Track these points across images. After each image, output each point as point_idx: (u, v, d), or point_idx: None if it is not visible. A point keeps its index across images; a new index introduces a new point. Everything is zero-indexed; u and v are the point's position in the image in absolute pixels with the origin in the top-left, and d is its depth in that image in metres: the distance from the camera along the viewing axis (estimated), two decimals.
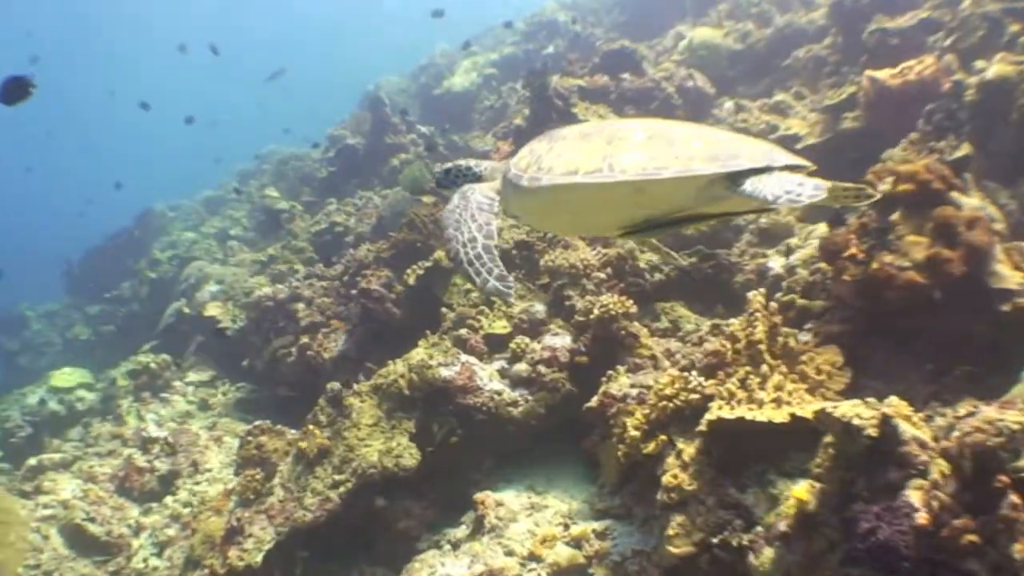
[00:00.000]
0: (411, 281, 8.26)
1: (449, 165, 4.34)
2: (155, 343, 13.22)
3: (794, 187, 3.12)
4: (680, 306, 7.56)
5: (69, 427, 12.45)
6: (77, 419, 12.59)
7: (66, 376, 14.05)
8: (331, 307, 9.45)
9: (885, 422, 3.82)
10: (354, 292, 8.99)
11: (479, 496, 6.10)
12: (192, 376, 11.41)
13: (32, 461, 10.41)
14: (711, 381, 5.12)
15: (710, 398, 5.01)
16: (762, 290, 5.37)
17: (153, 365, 11.37)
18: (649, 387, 5.83)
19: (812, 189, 3.08)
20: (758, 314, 5.03)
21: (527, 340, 6.93)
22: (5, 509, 7.91)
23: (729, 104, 10.68)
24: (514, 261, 7.83)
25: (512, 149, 10.16)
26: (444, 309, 7.69)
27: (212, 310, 11.71)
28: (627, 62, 11.48)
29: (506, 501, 6.16)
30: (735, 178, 3.41)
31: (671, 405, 5.17)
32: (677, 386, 5.18)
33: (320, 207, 13.55)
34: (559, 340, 6.82)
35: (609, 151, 3.58)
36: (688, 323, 7.31)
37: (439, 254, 8.15)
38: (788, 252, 7.42)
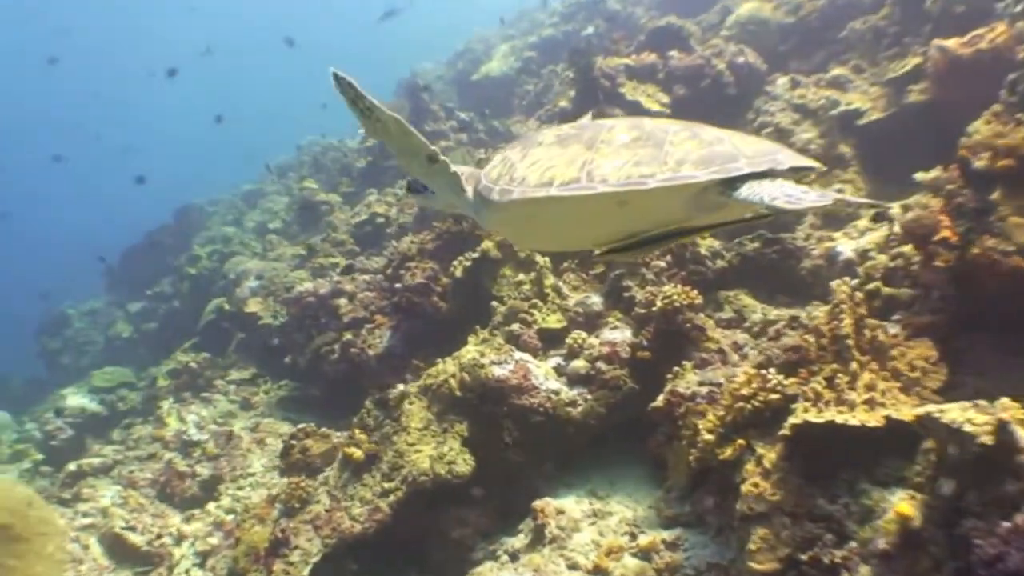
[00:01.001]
0: (458, 273, 7.88)
1: None
2: (196, 340, 13.01)
3: (796, 192, 2.82)
4: (744, 294, 7.12)
5: (111, 428, 12.29)
6: (119, 419, 12.43)
7: (107, 375, 13.95)
8: (375, 302, 9.10)
9: (1002, 428, 3.38)
10: (398, 286, 8.63)
11: (538, 504, 5.70)
12: (233, 374, 11.16)
13: (71, 466, 10.22)
14: (792, 380, 4.69)
15: (792, 399, 4.59)
16: (847, 279, 4.92)
17: (193, 364, 11.13)
18: (719, 385, 5.42)
19: (816, 196, 2.78)
20: (844, 306, 4.59)
21: (584, 335, 6.52)
22: (44, 519, 7.68)
23: (783, 80, 10.17)
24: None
25: None
26: (494, 303, 7.30)
27: (253, 306, 11.44)
28: (674, 39, 11.01)
29: (567, 508, 5.77)
30: (731, 183, 3.07)
31: (749, 406, 4.74)
32: (755, 385, 4.76)
33: (360, 198, 13.23)
34: (619, 334, 6.41)
35: (589, 157, 3.28)
36: (753, 313, 6.87)
37: (487, 244, 7.74)
38: (858, 235, 6.99)
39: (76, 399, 13.54)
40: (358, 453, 6.30)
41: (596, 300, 6.84)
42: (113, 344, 18.41)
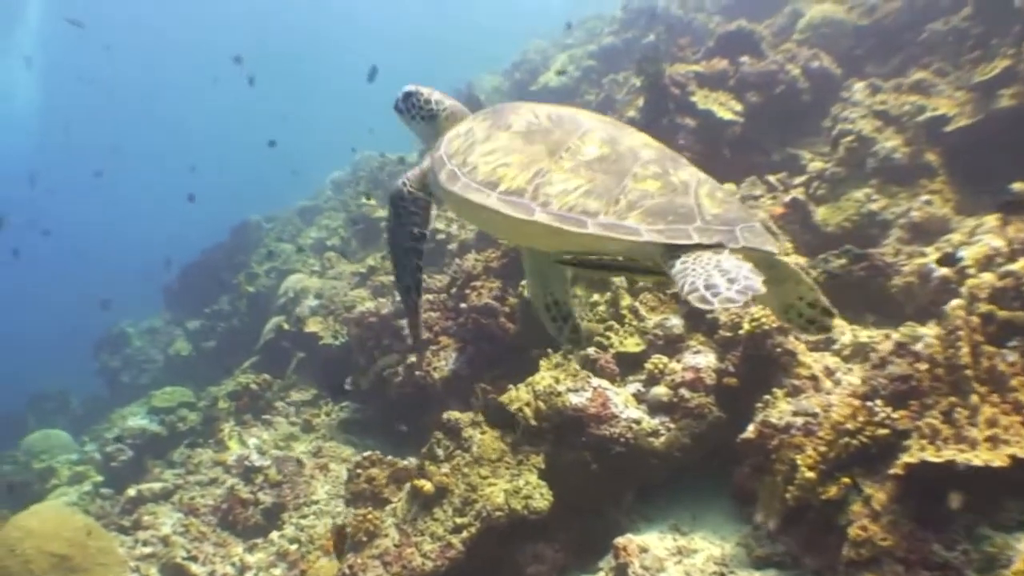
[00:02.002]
0: (526, 293, 7.55)
1: (412, 89, 3.99)
2: (255, 359, 12.87)
3: (721, 282, 2.62)
4: None
5: (171, 448, 12.20)
6: (178, 440, 12.34)
7: (166, 396, 13.89)
8: (439, 322, 8.80)
9: None
10: (463, 306, 8.34)
11: (621, 541, 5.33)
12: (294, 395, 10.96)
13: (131, 492, 10.10)
14: (903, 413, 4.30)
15: (903, 434, 4.20)
16: (960, 301, 4.52)
17: (254, 386, 10.95)
18: (816, 415, 5.04)
19: (740, 288, 2.58)
20: (961, 331, 4.19)
21: (665, 359, 6.15)
22: (103, 549, 7.53)
23: (860, 85, 9.72)
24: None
25: None
26: None
27: (313, 326, 11.24)
28: (745, 44, 10.59)
29: (650, 545, 5.40)
30: (674, 250, 2.91)
31: (854, 442, 4.36)
32: (860, 419, 4.38)
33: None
34: (702, 359, 6.04)
35: (545, 167, 3.16)
36: (842, 334, 6.46)
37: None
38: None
39: (136, 420, 13.49)
40: (428, 486, 5.99)
41: (676, 322, 6.46)
42: (172, 362, 18.45)
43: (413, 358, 8.59)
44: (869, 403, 4.44)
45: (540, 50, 19.29)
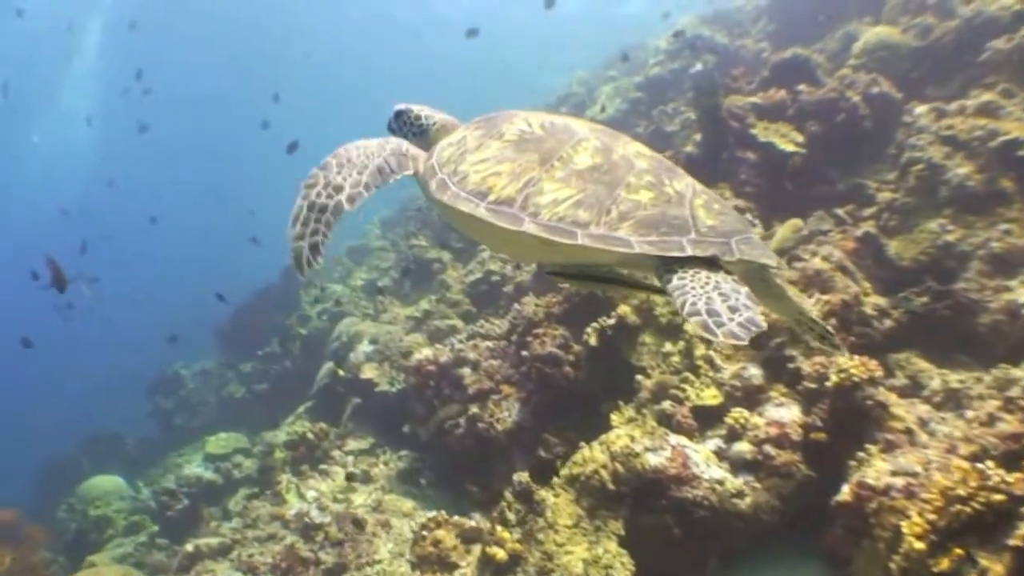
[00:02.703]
0: (592, 341, 7.29)
1: (402, 107, 3.90)
2: (310, 405, 12.73)
3: (722, 308, 2.56)
4: (916, 356, 6.40)
5: (226, 496, 12.09)
6: (234, 487, 12.24)
7: (221, 442, 13.83)
8: (500, 370, 8.56)
9: None
10: (525, 354, 8.09)
11: None
12: (351, 444, 10.75)
13: (189, 547, 9.95)
14: (1017, 476, 3.98)
15: (1021, 500, 3.88)
16: None
17: (310, 435, 10.75)
18: (916, 474, 4.73)
19: (743, 322, 2.50)
20: None
21: (745, 413, 5.85)
22: None
23: (921, 109, 9.39)
24: None
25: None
26: (639, 376, 6.66)
27: (368, 372, 11.06)
28: (801, 72, 10.32)
29: None
30: (669, 263, 2.86)
31: (967, 509, 4.04)
32: (973, 484, 4.05)
33: (471, 254, 12.77)
34: (786, 412, 5.74)
35: (536, 176, 3.08)
36: (931, 379, 6.15)
37: (623, 309, 7.13)
38: None
39: (191, 468, 13.43)
40: (501, 553, 5.73)
41: (755, 372, 6.16)
42: (225, 405, 18.43)
43: (475, 409, 8.34)
44: (981, 466, 4.12)
45: (583, 82, 19.11)
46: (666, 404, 6.23)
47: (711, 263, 2.87)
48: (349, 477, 9.72)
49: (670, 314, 6.96)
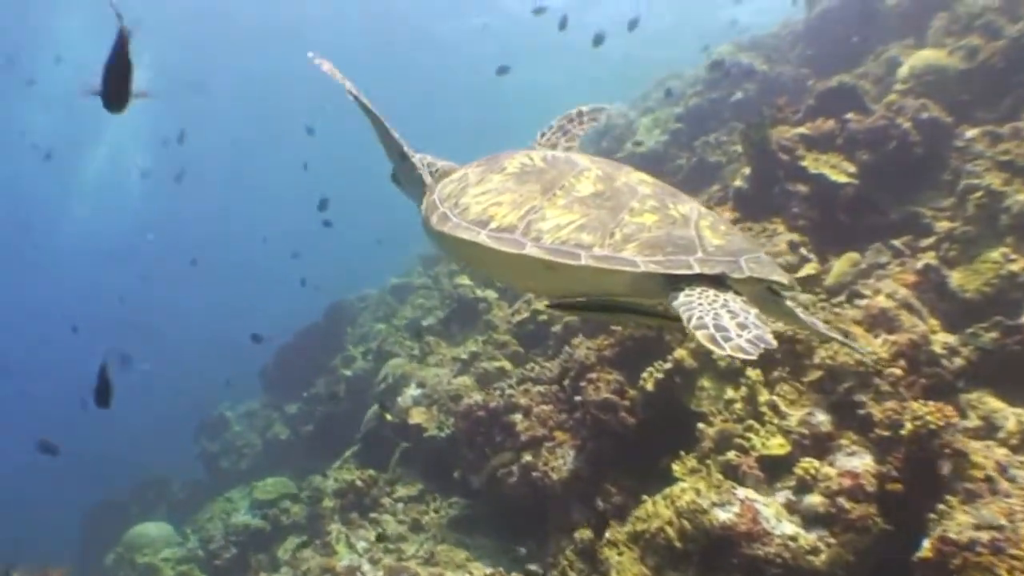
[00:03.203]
0: (649, 386, 7.09)
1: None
2: (357, 449, 12.61)
3: (730, 324, 2.51)
4: (988, 396, 6.14)
5: (274, 543, 12.02)
6: (282, 534, 12.16)
7: (268, 488, 13.76)
8: (552, 416, 8.37)
9: None
10: (579, 399, 7.91)
11: None
12: (401, 491, 10.58)
13: None
14: None
15: None
16: None
17: (359, 483, 10.63)
18: (1001, 527, 4.48)
19: (750, 340, 2.44)
20: None
21: (815, 463, 5.61)
22: None
23: (972, 133, 9.15)
24: (774, 355, 6.56)
25: (733, 218, 8.94)
26: (700, 425, 6.44)
27: (416, 417, 10.91)
28: (848, 100, 10.09)
29: None
30: (675, 281, 2.83)
31: None
32: None
33: (517, 294, 12.56)
34: (858, 461, 5.49)
35: (538, 204, 3.09)
36: (1005, 420, 5.89)
37: (680, 353, 6.93)
38: None
39: (238, 517, 13.38)
40: None
41: (822, 418, 5.92)
42: (271, 447, 18.43)
43: (529, 456, 8.15)
44: None
45: (621, 114, 18.93)
46: (731, 454, 6.00)
47: (719, 283, 2.82)
48: (380, 538, 9.53)
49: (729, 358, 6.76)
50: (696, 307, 2.64)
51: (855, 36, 13.00)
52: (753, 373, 6.33)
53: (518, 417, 8.65)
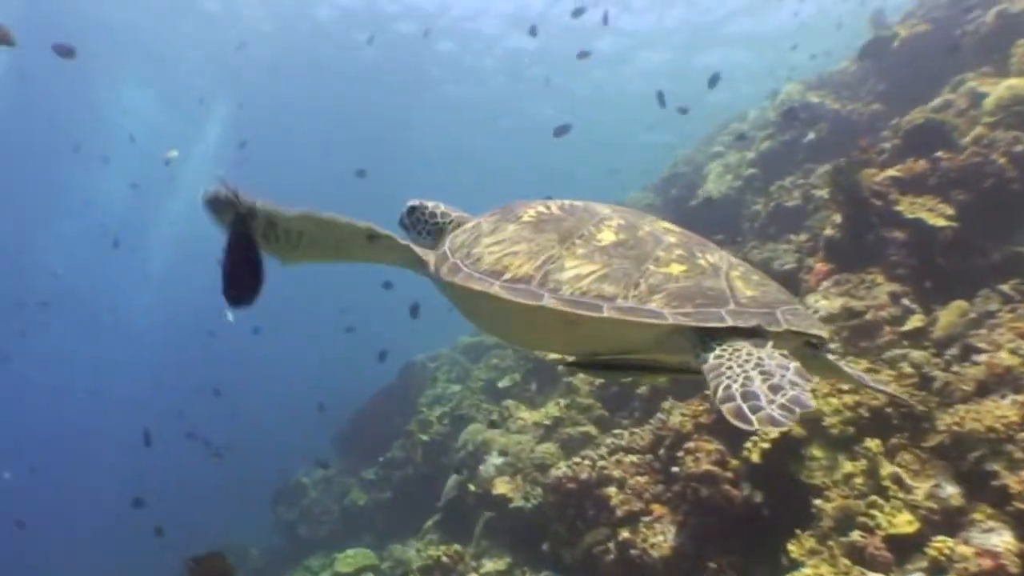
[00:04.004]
0: (754, 457, 6.67)
1: (416, 203, 3.64)
2: (438, 518, 12.30)
3: (762, 391, 2.22)
4: None
5: None
6: None
7: (350, 560, 13.61)
8: (648, 487, 7.95)
9: None
10: (676, 470, 7.50)
11: None
12: (488, 565, 10.20)
13: None
14: None
15: None
16: None
17: (445, 559, 10.28)
18: None
19: (786, 403, 2.18)
20: None
21: (949, 541, 5.15)
22: None
23: None
24: (890, 420, 6.11)
25: (828, 269, 8.53)
26: (818, 502, 5.99)
27: (501, 487, 10.54)
28: (935, 137, 9.66)
29: None
30: (706, 337, 2.60)
31: None
32: None
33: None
34: (996, 539, 5.03)
35: (556, 254, 2.87)
36: None
37: None
38: None
39: None
40: None
41: (951, 490, 5.45)
42: (349, 513, 18.20)
43: (626, 533, 7.73)
44: None
45: (688, 160, 18.58)
46: (855, 535, 5.54)
47: (755, 337, 2.59)
48: None
49: (840, 423, 6.33)
50: (725, 373, 2.39)
51: (935, 67, 12.53)
52: (872, 443, 5.89)
53: (612, 490, 8.23)
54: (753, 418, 2.17)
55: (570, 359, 3.11)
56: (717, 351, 2.52)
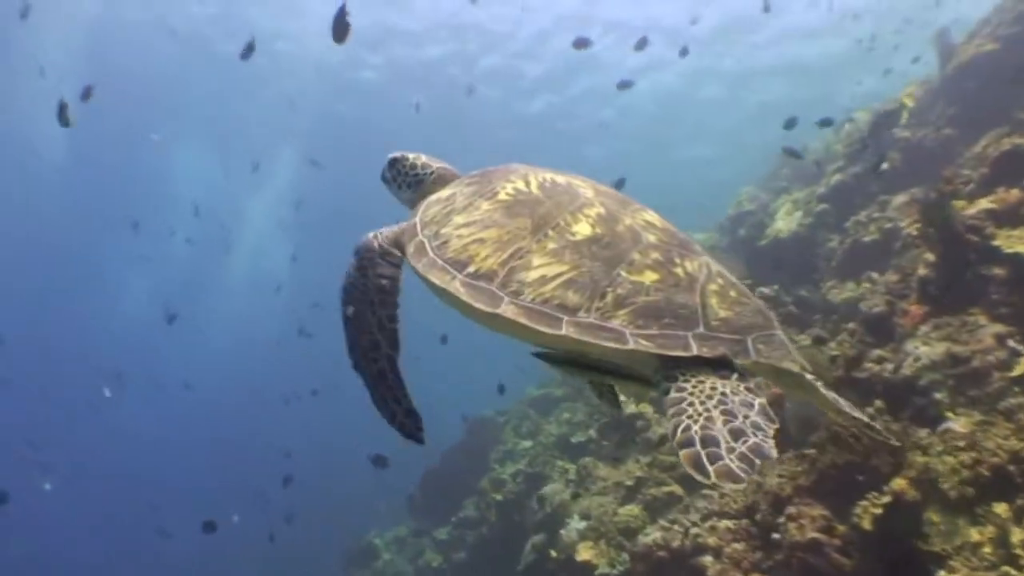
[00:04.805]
0: (865, 524, 6.16)
1: (398, 155, 3.55)
2: None
3: (722, 436, 2.14)
4: None
5: None
6: None
7: None
8: (747, 556, 7.45)
9: None
10: (777, 537, 7.01)
11: None
12: None
13: None
14: None
15: None
16: None
17: None
18: None
19: (745, 452, 2.09)
20: None
21: None
22: None
23: None
24: (1013, 479, 5.59)
25: (924, 312, 8.03)
26: (942, 573, 5.50)
27: (585, 553, 10.07)
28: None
29: None
30: (669, 365, 2.49)
31: None
32: None
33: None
34: None
35: (525, 247, 2.72)
36: None
37: (898, 483, 6.02)
38: None
39: None
40: None
41: None
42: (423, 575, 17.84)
43: None
44: None
45: (753, 198, 18.05)
46: None
47: (722, 364, 2.46)
48: None
49: (958, 484, 5.82)
50: (686, 410, 2.27)
51: (1006, 87, 11.98)
52: (1000, 507, 5.39)
53: (708, 559, 7.74)
54: (711, 470, 2.06)
55: (537, 351, 2.93)
56: (679, 382, 2.40)
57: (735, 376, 2.41)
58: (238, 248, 43.11)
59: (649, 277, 2.62)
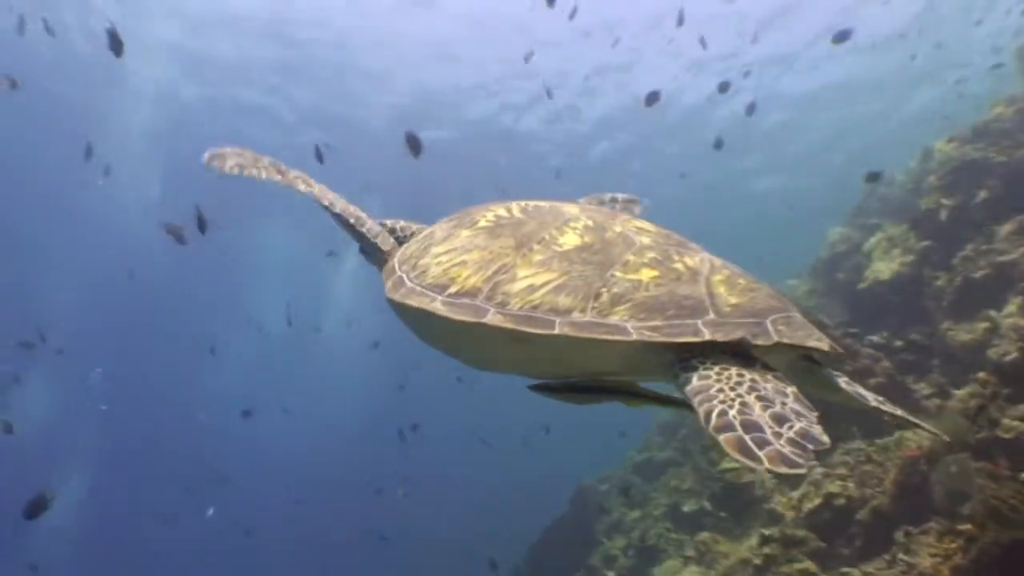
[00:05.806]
0: None
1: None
2: None
3: (764, 421, 1.89)
4: None
5: None
6: None
7: None
8: None
9: None
10: None
11: None
12: None
13: None
14: None
15: None
16: None
17: None
18: None
19: (794, 438, 1.85)
20: None
21: None
22: None
23: None
24: None
25: None
26: None
27: None
28: None
29: None
30: (685, 354, 2.21)
31: None
32: None
33: (799, 477, 10.84)
34: None
35: (509, 262, 2.52)
36: None
37: None
38: None
39: None
40: None
41: None
42: None
43: None
44: None
45: (845, 239, 17.32)
46: None
47: (742, 354, 2.23)
48: None
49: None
50: (715, 396, 2.05)
51: None
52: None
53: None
54: (761, 455, 1.85)
55: (538, 383, 2.67)
56: (701, 370, 2.19)
57: (759, 365, 2.18)
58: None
59: (647, 275, 2.43)
